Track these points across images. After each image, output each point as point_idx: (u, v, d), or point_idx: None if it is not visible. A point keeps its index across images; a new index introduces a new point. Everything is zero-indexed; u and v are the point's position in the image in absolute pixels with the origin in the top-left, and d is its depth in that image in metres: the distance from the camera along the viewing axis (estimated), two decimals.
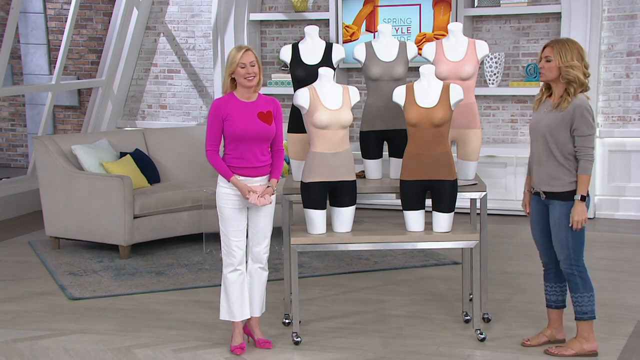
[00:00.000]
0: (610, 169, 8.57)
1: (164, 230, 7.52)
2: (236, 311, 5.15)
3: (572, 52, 4.77)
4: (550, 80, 4.83)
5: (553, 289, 5.06)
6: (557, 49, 4.78)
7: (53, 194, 7.60)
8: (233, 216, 5.05)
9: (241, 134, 4.95)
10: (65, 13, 10.83)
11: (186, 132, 8.53)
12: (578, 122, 4.75)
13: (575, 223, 4.78)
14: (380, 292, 6.31)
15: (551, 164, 4.83)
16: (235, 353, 5.13)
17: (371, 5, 9.02)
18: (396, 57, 5.59)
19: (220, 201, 5.07)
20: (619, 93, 8.55)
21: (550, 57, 4.79)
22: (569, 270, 4.88)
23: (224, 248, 5.10)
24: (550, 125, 4.80)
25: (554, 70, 4.79)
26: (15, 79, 11.86)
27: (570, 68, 4.75)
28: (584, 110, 4.74)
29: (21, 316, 5.89)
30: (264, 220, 5.13)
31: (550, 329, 5.10)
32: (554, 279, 5.04)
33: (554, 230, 4.88)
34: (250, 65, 4.93)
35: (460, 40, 5.62)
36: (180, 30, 10.01)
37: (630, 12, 8.43)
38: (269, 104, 5.06)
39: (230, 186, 5.02)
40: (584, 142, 4.77)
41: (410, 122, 5.16)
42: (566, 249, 4.85)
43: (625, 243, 7.66)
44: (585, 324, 4.92)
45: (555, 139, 4.79)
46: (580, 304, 4.88)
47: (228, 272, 5.11)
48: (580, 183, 4.79)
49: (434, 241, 5.24)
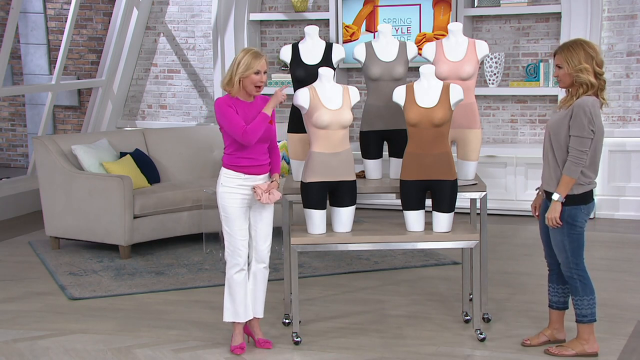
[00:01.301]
0: (610, 169, 8.57)
1: (164, 230, 7.52)
2: (241, 312, 5.13)
3: (579, 55, 4.71)
4: (568, 86, 4.80)
5: (555, 290, 5.05)
6: (564, 55, 4.74)
7: (53, 194, 7.60)
8: (238, 215, 5.03)
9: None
10: (65, 13, 10.83)
11: (186, 132, 8.53)
12: (572, 121, 4.72)
13: (548, 220, 4.78)
14: (380, 292, 6.31)
15: (552, 163, 4.82)
16: (236, 353, 5.12)
17: (371, 5, 9.02)
18: (396, 57, 5.59)
19: (223, 201, 5.04)
20: (619, 93, 8.55)
21: (560, 64, 4.78)
22: (569, 273, 4.87)
23: (229, 248, 5.07)
24: (553, 124, 4.81)
25: (567, 76, 4.76)
26: (15, 79, 11.86)
27: (580, 72, 4.70)
28: (580, 110, 4.68)
29: (21, 316, 5.89)
30: (267, 218, 5.13)
31: (550, 329, 5.10)
32: (556, 280, 5.04)
33: (551, 233, 4.88)
34: (264, 73, 4.94)
35: (460, 40, 5.62)
36: (180, 30, 10.01)
37: (630, 12, 8.43)
38: (265, 104, 5.07)
39: (239, 185, 4.99)
40: (573, 143, 4.72)
41: (410, 122, 5.16)
42: (564, 252, 4.85)
43: (625, 243, 7.66)
44: (586, 326, 4.91)
45: (557, 137, 4.78)
46: (581, 307, 4.88)
47: (234, 273, 5.08)
48: (561, 183, 4.74)
49: (434, 241, 5.24)
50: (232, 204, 5.02)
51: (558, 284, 5.03)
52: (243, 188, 5.02)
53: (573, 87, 4.78)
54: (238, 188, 5.02)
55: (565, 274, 4.88)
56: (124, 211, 7.24)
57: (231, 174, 5.02)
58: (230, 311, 5.14)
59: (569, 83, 4.78)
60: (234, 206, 5.03)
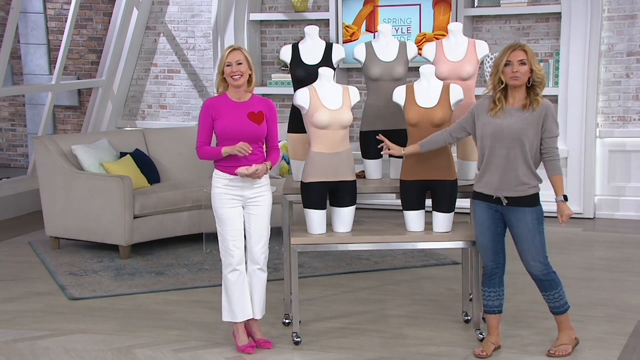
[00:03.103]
0: (610, 169, 8.57)
1: (164, 230, 7.52)
2: (237, 311, 5.14)
3: (534, 53, 4.79)
4: (521, 84, 4.76)
5: (497, 294, 5.03)
6: (528, 51, 4.73)
7: (53, 194, 7.60)
8: (229, 216, 5.05)
9: (229, 133, 4.99)
10: (65, 13, 10.83)
11: (186, 132, 8.52)
12: (550, 122, 4.75)
13: (566, 217, 4.81)
14: (380, 292, 6.31)
15: (522, 168, 4.78)
16: (247, 352, 5.11)
17: (371, 5, 9.02)
18: (396, 57, 5.59)
19: (215, 202, 5.08)
20: (619, 93, 8.55)
21: (524, 59, 4.73)
22: (545, 271, 4.89)
23: (222, 249, 5.11)
24: (523, 128, 4.75)
25: (527, 73, 4.75)
26: (15, 79, 11.86)
27: (540, 69, 4.75)
28: (551, 111, 4.76)
29: (21, 316, 5.89)
30: (259, 220, 5.12)
31: (494, 336, 5.06)
32: (498, 284, 5.03)
33: (525, 237, 4.83)
34: (237, 64, 4.96)
35: (460, 40, 5.62)
36: (180, 30, 10.01)
37: (630, 12, 8.43)
38: (262, 104, 5.08)
39: (226, 185, 5.03)
40: (553, 143, 4.78)
41: (410, 122, 5.16)
42: (541, 252, 4.86)
43: (625, 243, 7.66)
44: (565, 315, 4.99)
45: (529, 141, 4.76)
46: (558, 298, 4.94)
47: (228, 273, 5.11)
48: (559, 183, 4.81)
49: (434, 241, 5.24)
50: (222, 205, 5.06)
51: (499, 286, 5.03)
52: (232, 188, 5.05)
53: (519, 88, 4.75)
54: (226, 188, 5.05)
55: (540, 272, 4.88)
56: (124, 211, 7.24)
57: (219, 174, 5.07)
58: (227, 310, 5.17)
59: (525, 81, 4.76)
60: (224, 207, 5.05)
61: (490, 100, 4.84)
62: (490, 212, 4.90)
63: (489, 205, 4.89)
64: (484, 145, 4.84)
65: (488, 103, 4.85)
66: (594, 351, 5.06)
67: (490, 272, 5.00)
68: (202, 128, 5.06)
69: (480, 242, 4.98)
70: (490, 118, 4.80)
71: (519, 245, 4.88)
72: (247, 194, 5.06)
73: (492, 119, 4.80)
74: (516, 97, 4.79)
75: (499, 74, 4.77)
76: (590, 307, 5.86)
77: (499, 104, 4.79)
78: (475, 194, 4.94)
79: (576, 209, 8.48)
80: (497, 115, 4.79)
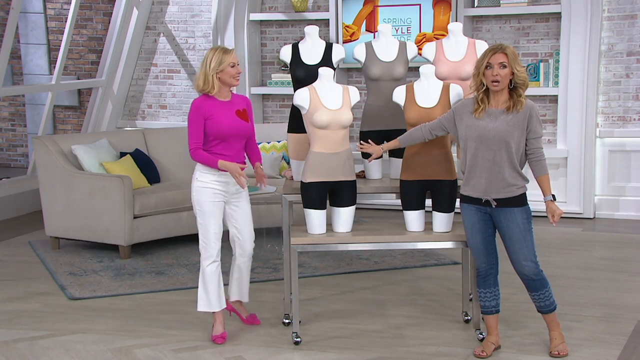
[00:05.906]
0: (610, 169, 8.57)
1: (164, 230, 7.53)
2: (214, 301, 5.27)
3: (516, 54, 4.76)
4: (502, 88, 4.74)
5: (493, 294, 5.04)
6: (509, 54, 4.71)
7: (53, 194, 7.60)
8: (212, 209, 5.17)
9: (225, 132, 5.10)
10: (65, 13, 10.83)
11: (186, 132, 8.47)
12: (534, 123, 4.76)
13: (557, 217, 4.81)
14: (380, 292, 6.31)
15: (508, 170, 4.78)
16: (217, 342, 5.25)
17: (371, 5, 9.02)
18: (396, 57, 5.59)
19: (199, 195, 5.17)
20: (619, 93, 8.55)
21: (505, 62, 4.71)
22: (536, 270, 4.89)
23: (203, 241, 5.22)
24: (509, 130, 4.74)
25: (508, 76, 4.73)
26: (15, 79, 11.86)
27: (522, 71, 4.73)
28: (535, 111, 4.77)
29: (21, 316, 5.89)
30: (246, 214, 5.30)
31: (493, 336, 5.06)
32: (493, 284, 5.04)
33: (516, 238, 4.83)
34: (237, 64, 5.11)
35: (460, 40, 5.62)
36: (180, 30, 10.01)
37: (630, 12, 8.43)
38: (242, 102, 5.24)
39: (213, 180, 5.14)
40: (539, 143, 4.79)
41: (410, 122, 5.17)
42: (532, 252, 4.86)
43: (625, 243, 7.66)
44: (554, 314, 5.01)
45: (515, 143, 4.75)
46: (548, 298, 4.94)
47: (207, 265, 5.24)
48: (547, 183, 4.81)
49: (434, 241, 5.24)
50: (207, 198, 5.16)
51: (494, 286, 5.04)
52: (217, 184, 5.17)
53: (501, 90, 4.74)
54: (212, 183, 5.16)
55: (532, 272, 4.88)
56: (124, 211, 7.24)
57: (205, 170, 5.16)
58: (204, 301, 5.29)
59: (505, 85, 4.75)
60: (209, 200, 5.16)
61: (473, 101, 4.84)
62: (480, 215, 4.90)
63: (478, 208, 4.89)
64: (469, 148, 4.84)
65: (471, 104, 4.85)
66: (594, 351, 5.06)
67: (484, 273, 5.02)
68: (195, 129, 5.12)
69: (472, 244, 4.99)
70: (474, 120, 4.79)
71: (510, 246, 4.88)
72: (231, 189, 5.21)
73: (476, 121, 4.79)
74: (499, 100, 4.78)
75: (480, 76, 4.77)
76: (590, 307, 5.86)
77: (482, 105, 4.79)
78: (463, 197, 4.94)
79: (576, 209, 8.49)
80: (481, 115, 4.78)
